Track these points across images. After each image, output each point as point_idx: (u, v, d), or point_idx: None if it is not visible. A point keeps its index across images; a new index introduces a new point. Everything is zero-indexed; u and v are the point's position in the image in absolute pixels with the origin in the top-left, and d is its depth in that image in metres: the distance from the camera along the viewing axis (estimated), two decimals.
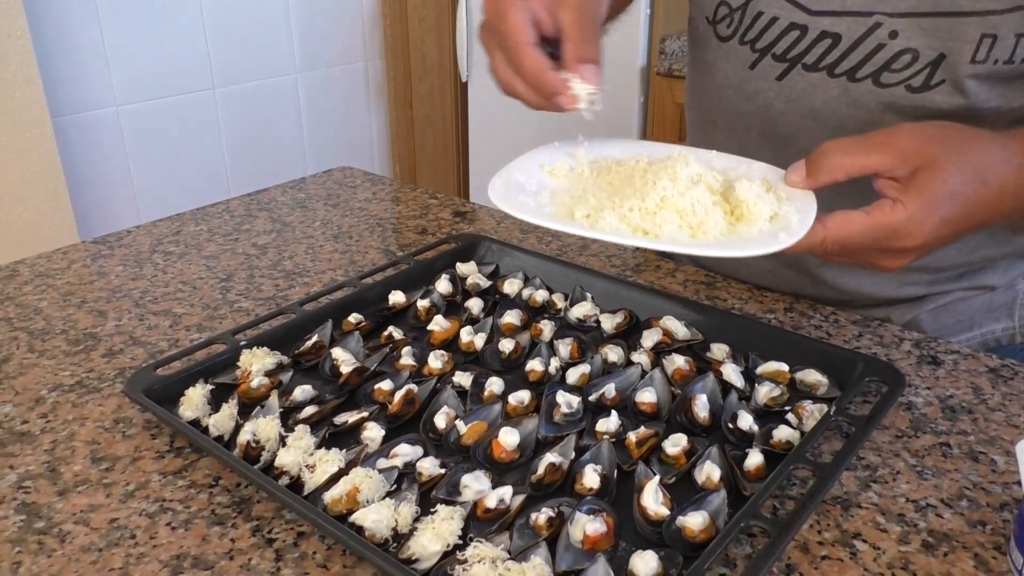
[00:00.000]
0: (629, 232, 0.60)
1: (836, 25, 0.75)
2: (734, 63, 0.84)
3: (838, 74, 0.77)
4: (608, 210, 0.61)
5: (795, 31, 0.77)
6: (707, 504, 0.54)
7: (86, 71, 2.03)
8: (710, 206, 0.61)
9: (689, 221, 0.60)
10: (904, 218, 0.59)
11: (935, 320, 0.87)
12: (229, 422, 0.64)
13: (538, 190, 0.66)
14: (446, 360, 0.73)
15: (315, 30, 2.49)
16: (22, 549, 0.54)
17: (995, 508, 0.57)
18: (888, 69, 0.74)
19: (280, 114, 2.46)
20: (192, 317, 0.85)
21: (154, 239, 1.05)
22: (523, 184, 0.66)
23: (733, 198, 0.63)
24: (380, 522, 0.53)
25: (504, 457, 0.60)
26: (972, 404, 0.68)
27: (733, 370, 0.69)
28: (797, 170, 0.63)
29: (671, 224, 0.60)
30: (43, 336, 0.82)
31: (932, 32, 0.71)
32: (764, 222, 0.61)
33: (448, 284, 0.86)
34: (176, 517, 0.57)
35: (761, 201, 0.61)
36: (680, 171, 0.63)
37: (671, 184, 0.62)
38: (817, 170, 0.62)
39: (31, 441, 0.65)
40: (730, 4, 0.81)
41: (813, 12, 0.76)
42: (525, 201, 0.63)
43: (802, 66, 0.78)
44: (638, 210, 0.60)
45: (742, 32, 0.81)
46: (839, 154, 0.61)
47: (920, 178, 0.59)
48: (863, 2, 0.73)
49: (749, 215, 0.61)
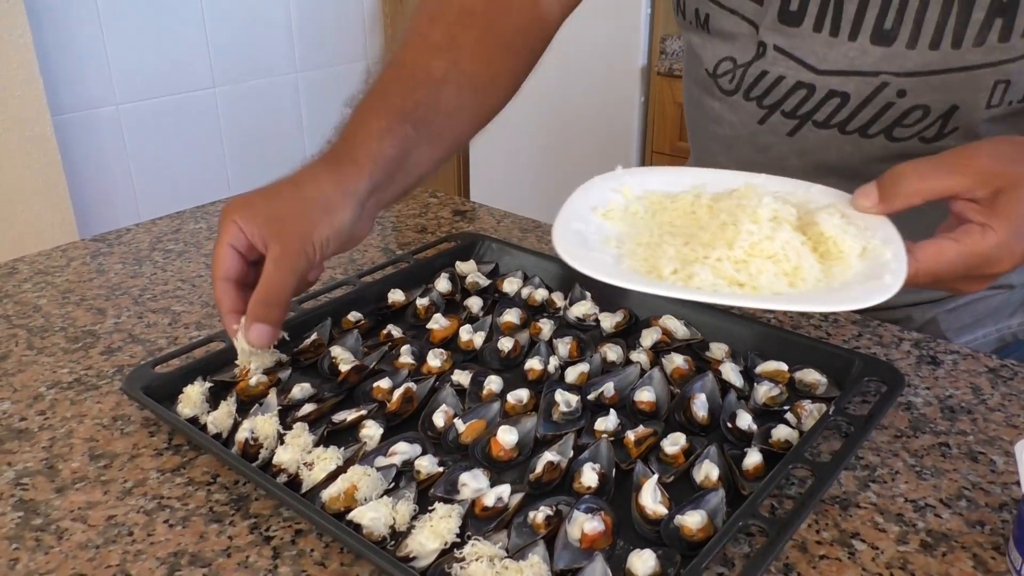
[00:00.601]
0: (726, 287, 0.55)
1: (844, 84, 0.74)
2: (742, 116, 0.82)
3: (850, 131, 0.76)
4: (698, 264, 0.56)
5: (803, 90, 0.76)
6: (705, 503, 0.54)
7: (86, 69, 2.03)
8: (800, 248, 0.56)
9: (783, 267, 0.56)
10: (995, 243, 0.56)
11: (954, 319, 0.86)
12: (227, 420, 0.64)
13: (601, 238, 0.61)
14: (445, 358, 0.72)
15: (315, 29, 2.49)
16: (19, 546, 0.54)
17: (994, 508, 0.57)
18: (900, 125, 0.73)
19: (280, 113, 2.46)
20: (191, 315, 0.85)
21: (153, 237, 1.05)
22: (584, 234, 0.61)
23: (814, 233, 0.58)
24: (378, 520, 0.53)
25: (502, 455, 0.60)
26: (971, 404, 0.68)
27: (732, 369, 0.69)
28: (868, 195, 0.60)
29: (767, 274, 0.55)
30: (42, 333, 0.82)
31: (941, 88, 0.70)
32: (856, 260, 0.57)
33: (447, 283, 0.86)
34: (174, 514, 0.57)
35: (848, 236, 0.57)
36: (759, 210, 0.58)
37: (755, 227, 0.57)
38: (893, 195, 0.58)
39: (29, 438, 0.65)
40: (734, 59, 0.80)
41: (820, 72, 0.75)
42: (600, 258, 0.58)
43: (813, 123, 0.78)
44: (728, 260, 0.56)
45: (746, 88, 0.80)
46: (916, 178, 0.58)
47: (1005, 200, 0.56)
48: (871, 61, 0.72)
49: (838, 252, 0.57)
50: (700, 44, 0.83)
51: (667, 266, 0.57)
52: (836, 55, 0.74)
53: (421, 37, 0.76)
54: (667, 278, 0.56)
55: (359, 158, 0.68)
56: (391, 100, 0.71)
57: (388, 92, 0.72)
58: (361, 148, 0.68)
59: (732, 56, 0.80)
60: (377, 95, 0.72)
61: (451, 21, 0.76)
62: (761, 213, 0.58)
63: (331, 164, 0.68)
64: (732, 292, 0.55)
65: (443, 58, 0.74)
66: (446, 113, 0.75)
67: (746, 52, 0.79)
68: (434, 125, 0.74)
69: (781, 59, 0.76)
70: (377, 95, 0.72)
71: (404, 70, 0.74)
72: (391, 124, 0.70)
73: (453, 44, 0.75)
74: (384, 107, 0.71)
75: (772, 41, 0.76)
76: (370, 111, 0.71)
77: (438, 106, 0.74)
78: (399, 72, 0.74)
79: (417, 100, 0.72)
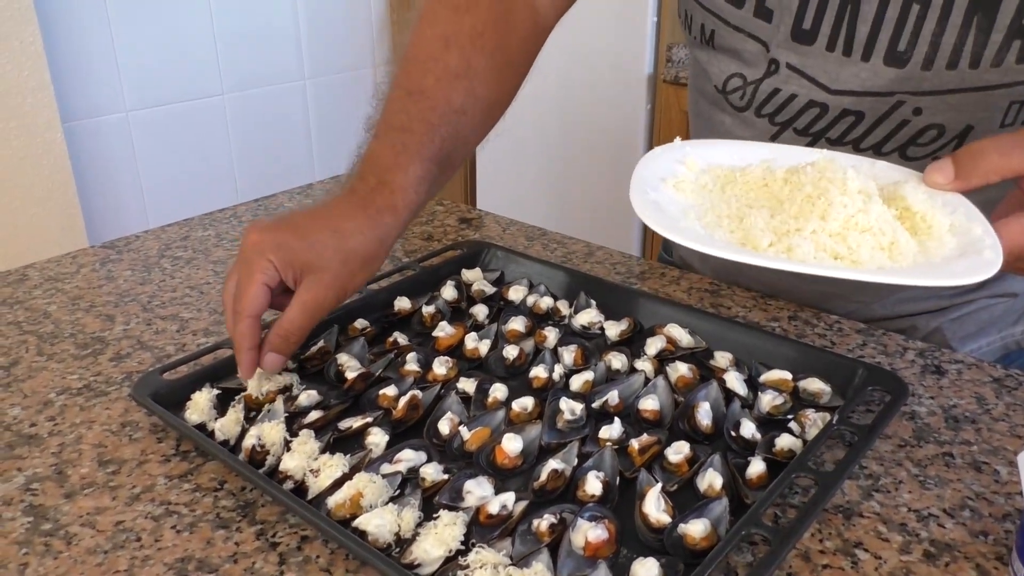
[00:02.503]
0: (829, 260, 0.54)
1: (858, 104, 0.74)
2: (753, 133, 0.82)
3: (864, 149, 0.75)
4: (794, 235, 0.55)
5: (815, 108, 0.76)
6: (709, 512, 0.55)
7: (97, 76, 2.04)
8: (894, 222, 0.55)
9: (880, 242, 0.54)
10: None
11: (958, 328, 0.86)
12: (235, 426, 0.65)
13: (678, 210, 0.60)
14: (450, 366, 0.73)
15: (324, 37, 2.50)
16: (29, 551, 0.55)
17: (997, 518, 0.57)
18: (914, 143, 0.73)
19: (288, 120, 2.47)
20: (199, 322, 0.86)
21: (162, 244, 1.05)
22: (661, 205, 0.60)
23: (899, 207, 0.57)
24: (383, 527, 0.53)
25: (507, 463, 0.61)
26: (975, 414, 0.68)
27: (736, 378, 0.69)
28: (943, 170, 0.58)
29: (866, 247, 0.54)
30: (52, 340, 0.82)
31: (958, 107, 0.70)
32: (948, 235, 0.56)
33: (453, 290, 0.86)
34: (181, 520, 0.58)
35: (938, 211, 0.56)
36: (848, 183, 0.57)
37: (848, 200, 0.56)
38: (970, 171, 0.57)
39: (39, 444, 0.66)
40: (745, 76, 0.79)
41: (833, 91, 0.74)
42: (692, 229, 0.57)
43: (826, 140, 0.77)
44: (823, 232, 0.55)
45: (757, 106, 0.80)
46: (996, 154, 0.57)
47: None
48: (884, 83, 0.72)
49: (927, 227, 0.56)
50: (707, 60, 0.83)
51: (762, 238, 0.55)
52: (848, 75, 0.73)
53: (439, 64, 0.75)
54: (765, 250, 0.55)
55: (398, 208, 0.70)
56: (423, 141, 0.72)
57: (417, 130, 0.73)
58: (400, 197, 0.70)
59: (742, 73, 0.79)
60: (408, 132, 0.73)
61: (465, 46, 0.76)
62: (850, 185, 0.57)
63: (372, 213, 0.69)
64: (836, 265, 0.54)
65: (461, 87, 0.75)
66: (463, 142, 0.77)
67: (756, 69, 0.78)
68: (453, 158, 0.76)
69: (794, 77, 0.76)
70: (408, 132, 0.73)
71: (427, 102, 0.74)
72: (427, 171, 0.72)
73: (469, 71, 0.76)
74: (418, 150, 0.72)
75: (785, 59, 0.76)
76: (405, 154, 0.71)
77: (457, 139, 0.75)
78: (423, 104, 0.74)
79: (443, 137, 0.73)
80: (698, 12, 0.81)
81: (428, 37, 0.77)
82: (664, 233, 0.55)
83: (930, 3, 0.67)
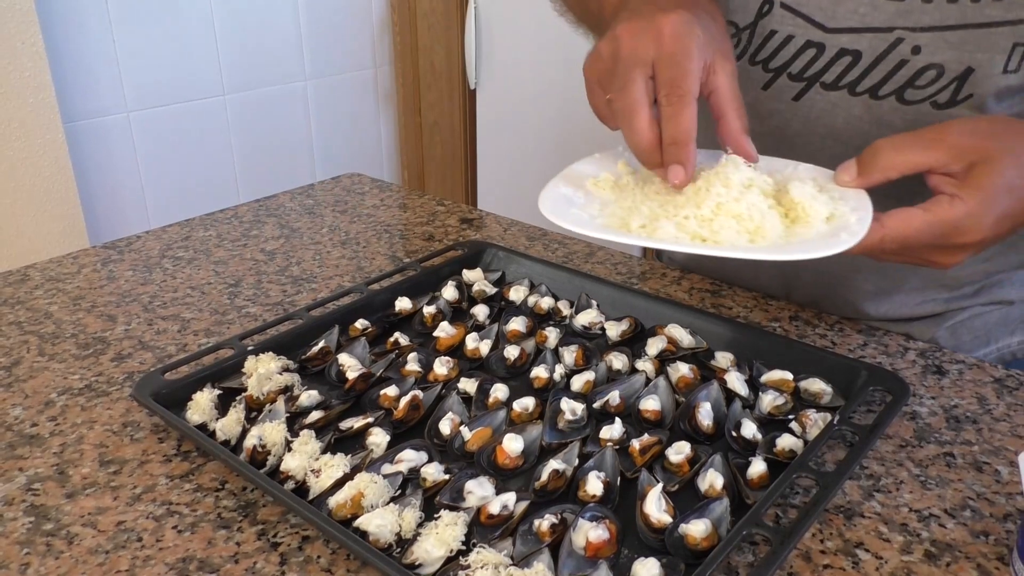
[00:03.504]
0: (688, 240, 0.59)
1: (856, 42, 0.73)
2: (744, 84, 0.81)
3: (859, 92, 0.74)
4: (664, 219, 0.60)
5: (812, 49, 0.75)
6: (710, 512, 0.55)
7: (98, 77, 2.04)
8: (766, 210, 0.60)
9: (746, 226, 0.59)
10: (964, 213, 0.57)
11: (953, 337, 0.86)
12: (236, 426, 0.65)
13: (586, 203, 0.65)
14: (451, 366, 0.73)
15: (325, 37, 2.50)
16: (30, 551, 0.55)
17: (998, 519, 0.57)
18: (912, 86, 0.72)
19: (290, 120, 2.48)
20: (200, 322, 0.86)
21: (163, 244, 1.05)
22: (571, 198, 0.65)
23: (787, 200, 0.62)
24: (384, 527, 0.54)
25: (508, 463, 0.61)
26: (977, 414, 0.68)
27: (737, 378, 0.69)
28: (848, 169, 0.62)
29: (729, 230, 0.59)
30: (53, 340, 0.82)
31: (959, 45, 0.69)
32: (821, 223, 0.59)
33: (454, 291, 0.86)
34: (183, 520, 0.58)
35: (816, 202, 0.60)
36: (732, 176, 0.61)
37: (725, 190, 0.60)
38: (870, 169, 0.60)
39: (40, 444, 0.66)
40: (737, 24, 0.78)
41: (830, 30, 0.74)
42: (578, 214, 0.62)
43: (820, 85, 0.76)
44: (694, 218, 0.59)
45: (752, 52, 0.79)
46: (892, 152, 0.59)
47: (977, 173, 0.58)
48: (883, 18, 0.71)
49: (805, 217, 0.60)
50: None
51: (635, 221, 0.61)
52: (845, 11, 0.72)
53: None
54: (634, 231, 0.60)
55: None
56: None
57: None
58: None
59: (733, 20, 0.79)
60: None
61: None
62: (733, 178, 0.61)
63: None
64: (692, 244, 0.58)
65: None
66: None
67: (748, 13, 0.77)
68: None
69: (789, 17, 0.75)
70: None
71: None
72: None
73: None
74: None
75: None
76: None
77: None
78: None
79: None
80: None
81: None
82: (549, 215, 0.61)
83: None
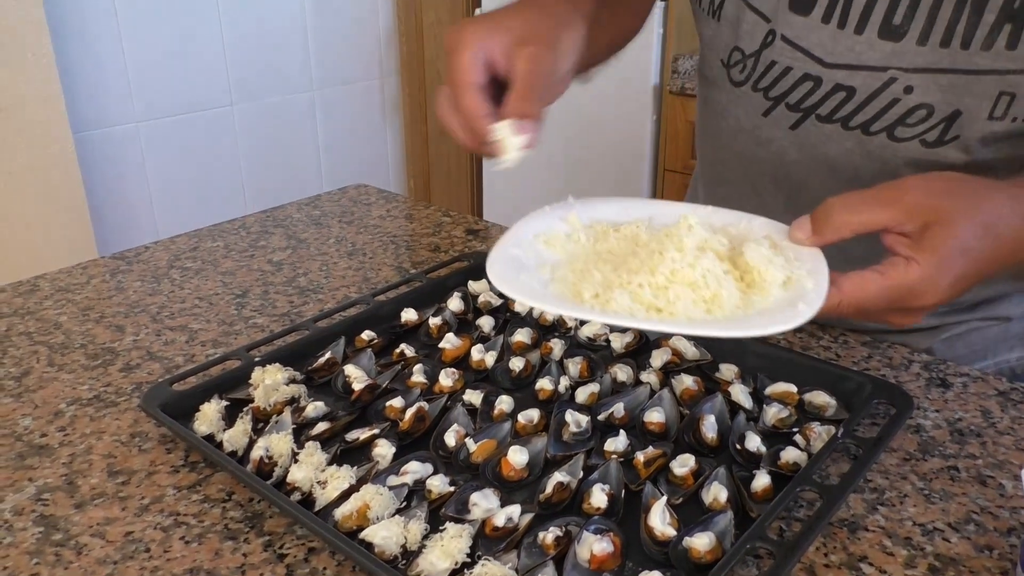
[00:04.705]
0: (643, 312, 0.56)
1: (851, 78, 0.75)
2: (747, 108, 0.83)
3: (852, 127, 0.76)
4: (618, 288, 0.57)
5: (809, 82, 0.77)
6: (714, 525, 0.55)
7: (107, 87, 2.06)
8: (721, 276, 0.57)
9: (702, 295, 0.56)
10: (919, 277, 0.57)
11: (949, 349, 0.86)
12: (243, 437, 0.65)
13: (537, 264, 0.61)
14: (457, 378, 0.73)
15: (332, 48, 2.52)
16: (40, 561, 0.56)
17: (1002, 533, 0.57)
18: (903, 123, 0.73)
19: (297, 131, 2.49)
20: (208, 333, 0.86)
21: (171, 255, 1.06)
22: (521, 260, 0.61)
23: (742, 263, 0.59)
24: (389, 539, 0.54)
25: (513, 475, 0.61)
26: (981, 427, 0.68)
27: (741, 391, 0.70)
28: (802, 227, 0.60)
29: (684, 300, 0.56)
30: (62, 350, 0.83)
31: (948, 88, 0.71)
32: (778, 288, 0.57)
33: (460, 302, 0.87)
34: (190, 531, 0.58)
35: (772, 266, 0.58)
36: (685, 239, 0.59)
37: (679, 255, 0.58)
38: (823, 228, 0.59)
39: (50, 454, 0.67)
40: (743, 50, 0.81)
41: (828, 64, 0.75)
42: (527, 282, 0.59)
43: (816, 117, 0.78)
44: (648, 286, 0.56)
45: (755, 79, 0.81)
46: (845, 211, 0.58)
47: (932, 234, 0.57)
48: (878, 57, 0.73)
49: (761, 282, 0.58)
50: (711, 35, 0.85)
51: (588, 290, 0.57)
52: (842, 48, 0.74)
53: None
54: (587, 302, 0.56)
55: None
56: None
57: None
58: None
59: (740, 47, 0.81)
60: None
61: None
62: (687, 242, 0.59)
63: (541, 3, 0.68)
64: (648, 317, 0.56)
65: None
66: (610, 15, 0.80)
67: (754, 41, 0.80)
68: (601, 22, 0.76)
69: (788, 50, 0.77)
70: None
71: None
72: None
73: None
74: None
75: (781, 31, 0.77)
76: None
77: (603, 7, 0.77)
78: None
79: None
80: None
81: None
82: (499, 286, 0.56)
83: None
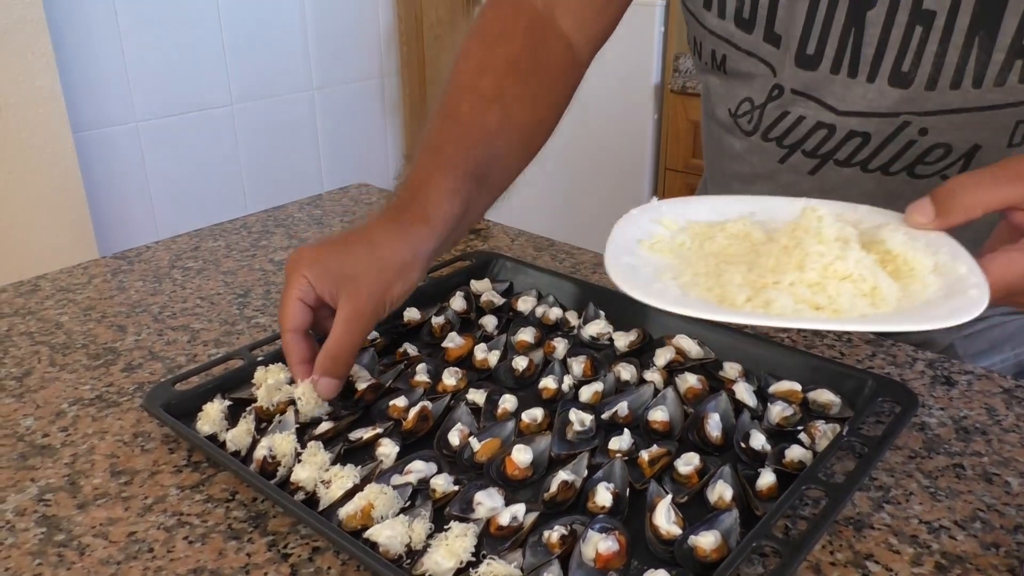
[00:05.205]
0: (809, 311, 0.52)
1: (864, 125, 0.74)
2: (762, 156, 0.82)
3: (872, 169, 0.76)
4: (771, 289, 0.53)
5: (823, 130, 0.76)
6: (719, 523, 0.55)
7: (107, 87, 2.06)
8: (875, 267, 0.53)
9: (861, 288, 0.52)
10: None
11: (970, 345, 0.86)
12: (246, 437, 0.65)
13: (654, 271, 0.58)
14: (460, 377, 0.73)
15: (332, 48, 2.52)
16: (42, 561, 0.55)
17: (1008, 530, 0.57)
18: (922, 162, 0.73)
19: (297, 130, 2.49)
20: (210, 332, 0.86)
21: (173, 255, 1.06)
22: (639, 269, 0.58)
23: (879, 251, 0.56)
24: (394, 538, 0.54)
25: (517, 474, 0.61)
26: (986, 425, 0.68)
27: (746, 389, 0.69)
28: (923, 210, 0.57)
29: (846, 295, 0.52)
30: (64, 350, 0.83)
31: (963, 126, 0.70)
32: (930, 276, 0.54)
33: (462, 301, 0.87)
34: (193, 531, 0.58)
35: (918, 252, 0.55)
36: (825, 231, 0.55)
37: (824, 248, 0.54)
38: (949, 209, 0.55)
39: (52, 454, 0.67)
40: (752, 100, 0.80)
41: (841, 112, 0.75)
42: (666, 290, 0.55)
43: (834, 162, 0.78)
44: (801, 283, 0.53)
45: (765, 129, 0.80)
46: (975, 189, 0.55)
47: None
48: (889, 103, 0.72)
49: (909, 270, 0.54)
50: (718, 85, 0.84)
51: (739, 294, 0.53)
52: (855, 97, 0.74)
53: (473, 91, 0.78)
54: (743, 307, 0.53)
55: (431, 219, 0.70)
56: (454, 159, 0.74)
57: (449, 150, 0.75)
58: (433, 208, 0.71)
59: (750, 97, 0.80)
60: (439, 152, 0.75)
61: (498, 72, 0.79)
62: (826, 233, 0.55)
63: (403, 224, 0.70)
64: (816, 316, 0.52)
65: (495, 111, 0.77)
66: (500, 165, 0.79)
67: (763, 93, 0.79)
68: (490, 178, 0.77)
69: (800, 100, 0.77)
70: (439, 152, 0.75)
71: (461, 127, 0.76)
72: (458, 184, 0.72)
73: (502, 96, 0.78)
74: (449, 166, 0.73)
75: (790, 85, 0.76)
76: (436, 170, 0.73)
77: (493, 160, 0.77)
78: (457, 128, 0.76)
79: (477, 157, 0.75)
80: (708, 39, 0.82)
81: (463, 69, 0.80)
82: (639, 297, 0.53)
83: (932, 24, 0.67)
